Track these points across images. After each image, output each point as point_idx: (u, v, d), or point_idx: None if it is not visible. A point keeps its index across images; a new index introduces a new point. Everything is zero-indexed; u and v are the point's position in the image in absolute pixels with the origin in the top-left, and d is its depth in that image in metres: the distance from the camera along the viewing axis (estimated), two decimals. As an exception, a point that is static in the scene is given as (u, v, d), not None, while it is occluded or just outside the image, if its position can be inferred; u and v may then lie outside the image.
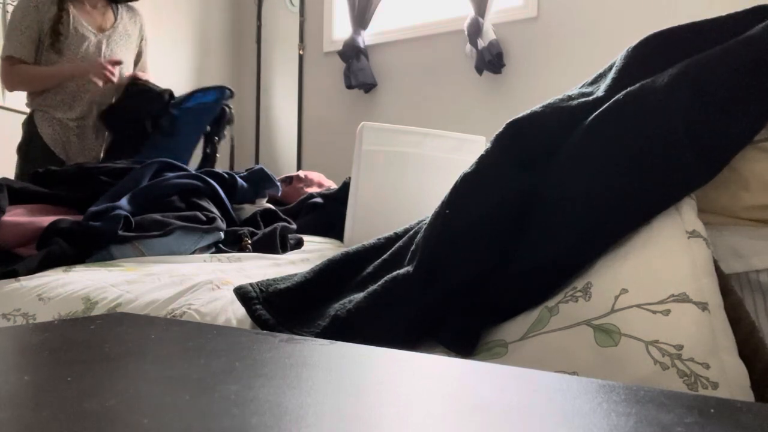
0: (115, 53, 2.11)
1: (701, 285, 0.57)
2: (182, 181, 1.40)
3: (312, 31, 3.75)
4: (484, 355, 0.66)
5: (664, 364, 0.55)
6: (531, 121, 0.74)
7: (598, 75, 0.83)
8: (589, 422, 0.31)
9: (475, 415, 0.31)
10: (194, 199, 1.39)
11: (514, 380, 0.38)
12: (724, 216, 0.69)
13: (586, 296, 0.62)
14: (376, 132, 1.47)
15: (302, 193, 2.14)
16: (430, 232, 0.74)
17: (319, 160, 3.63)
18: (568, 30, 2.86)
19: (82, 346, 0.46)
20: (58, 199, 1.39)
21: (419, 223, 0.89)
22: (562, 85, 2.79)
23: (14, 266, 1.09)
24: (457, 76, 3.16)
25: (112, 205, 1.24)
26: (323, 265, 0.85)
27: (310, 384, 0.36)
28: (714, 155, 0.63)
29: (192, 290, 0.89)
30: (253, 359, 0.42)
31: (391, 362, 0.43)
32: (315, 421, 0.30)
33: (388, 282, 0.73)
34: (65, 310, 0.92)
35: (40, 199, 1.38)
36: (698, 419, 0.31)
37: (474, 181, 0.73)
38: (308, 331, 0.72)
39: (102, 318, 0.58)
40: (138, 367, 0.39)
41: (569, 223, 0.66)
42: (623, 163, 0.65)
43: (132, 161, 1.56)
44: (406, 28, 3.35)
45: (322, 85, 3.68)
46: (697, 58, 0.67)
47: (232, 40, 4.08)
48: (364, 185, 1.46)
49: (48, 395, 0.33)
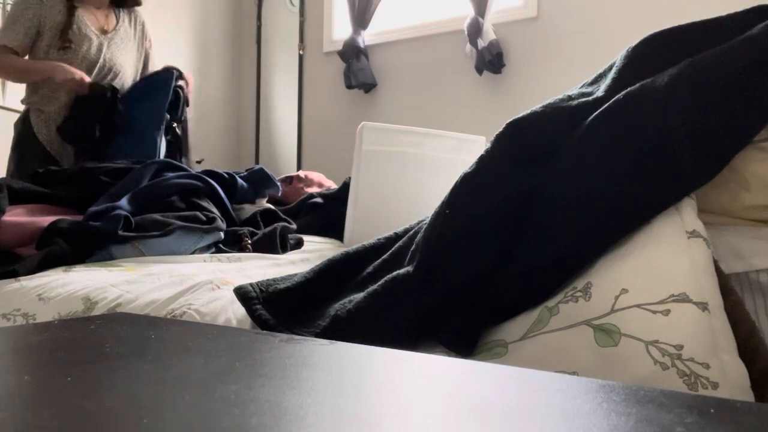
0: (115, 56, 2.11)
1: (701, 285, 0.57)
2: (182, 181, 1.40)
3: (312, 31, 3.75)
4: (484, 355, 0.66)
5: (664, 364, 0.55)
6: (531, 121, 0.74)
7: (598, 75, 0.83)
8: (589, 422, 0.31)
9: (475, 415, 0.31)
10: (194, 199, 1.39)
11: (514, 380, 0.38)
12: (724, 216, 0.69)
13: (586, 296, 0.62)
14: (376, 132, 1.47)
15: (302, 193, 2.14)
16: (430, 232, 0.74)
17: (319, 160, 3.63)
18: (568, 30, 2.86)
19: (82, 346, 0.46)
20: (58, 199, 1.39)
21: (419, 223, 0.89)
22: (562, 85, 2.79)
23: (14, 266, 1.09)
24: (457, 76, 3.16)
25: (112, 205, 1.24)
26: (323, 265, 0.85)
27: (310, 384, 0.36)
28: (714, 155, 0.63)
29: (192, 290, 0.89)
30: (253, 359, 0.42)
31: (391, 362, 0.43)
32: (315, 421, 0.30)
33: (388, 282, 0.73)
34: (65, 310, 0.92)
35: (40, 199, 1.38)
36: (698, 419, 0.31)
37: (474, 181, 0.73)
38: (308, 331, 0.72)
39: (102, 318, 0.58)
40: (138, 367, 0.39)
41: (569, 223, 0.66)
42: (623, 163, 0.65)
43: (132, 161, 1.56)
44: (406, 28, 3.35)
45: (322, 85, 3.69)
46: (697, 58, 0.67)
47: (232, 40, 4.08)
48: (364, 185, 1.46)
49: (48, 395, 0.33)
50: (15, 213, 1.26)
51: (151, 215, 1.27)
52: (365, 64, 3.38)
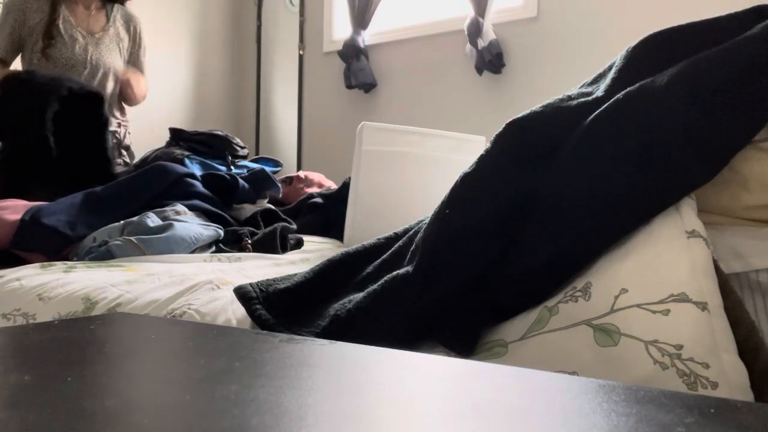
0: (103, 57, 2.09)
1: (701, 285, 0.57)
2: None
3: (312, 31, 3.75)
4: (484, 355, 0.66)
5: (664, 363, 0.55)
6: (531, 121, 0.74)
7: (598, 75, 0.83)
8: (589, 422, 0.31)
9: (475, 415, 0.31)
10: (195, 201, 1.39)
11: (514, 380, 0.38)
12: (724, 216, 0.69)
13: (585, 296, 0.62)
14: (376, 132, 1.47)
15: (302, 193, 2.14)
16: (429, 232, 0.74)
17: (319, 160, 3.63)
18: (568, 30, 2.86)
19: (82, 346, 0.46)
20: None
21: (419, 223, 0.89)
22: (562, 85, 2.79)
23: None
24: (457, 76, 3.16)
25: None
26: (323, 265, 0.85)
27: (310, 384, 0.36)
28: (714, 155, 0.63)
29: (192, 290, 0.89)
30: (253, 359, 0.42)
31: (391, 362, 0.43)
32: (315, 421, 0.30)
33: (388, 282, 0.73)
34: (65, 310, 0.92)
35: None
36: (698, 419, 0.31)
37: (474, 181, 0.73)
38: (308, 331, 0.72)
39: (102, 318, 0.58)
40: (138, 367, 0.39)
41: (569, 223, 0.66)
42: (623, 162, 0.65)
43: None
44: (406, 28, 3.35)
45: (322, 85, 3.68)
46: (697, 58, 0.67)
47: (232, 40, 4.08)
48: (364, 185, 1.46)
49: (48, 395, 0.33)
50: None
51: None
52: (365, 64, 3.38)
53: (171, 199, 1.38)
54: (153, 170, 1.43)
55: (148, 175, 1.42)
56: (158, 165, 1.46)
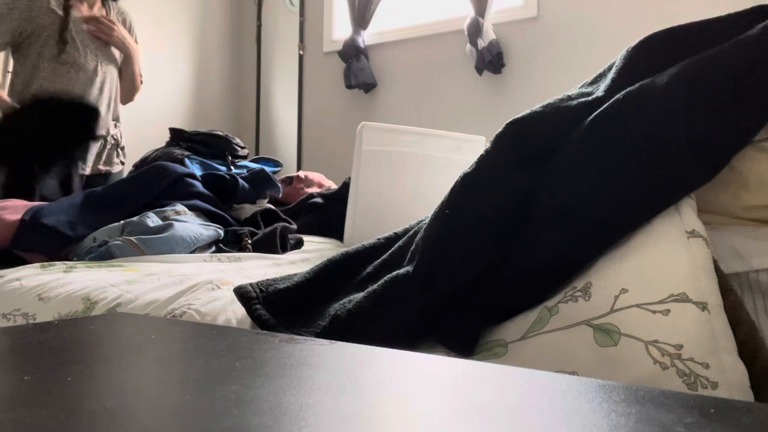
0: (108, 57, 2.09)
1: (701, 285, 0.57)
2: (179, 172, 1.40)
3: (312, 31, 3.75)
4: (484, 355, 0.66)
5: (664, 363, 0.55)
6: (531, 121, 0.74)
7: (598, 75, 0.83)
8: (589, 422, 0.31)
9: (475, 415, 0.31)
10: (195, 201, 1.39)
11: (514, 380, 0.38)
12: (724, 216, 0.69)
13: (585, 296, 0.62)
14: (376, 132, 1.47)
15: (302, 193, 2.14)
16: (429, 232, 0.74)
17: (319, 160, 3.63)
18: (568, 30, 2.86)
19: (82, 346, 0.46)
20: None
21: (419, 223, 0.89)
22: (562, 85, 2.79)
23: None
24: (457, 76, 3.16)
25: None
26: (323, 265, 0.85)
27: (310, 384, 0.36)
28: (714, 155, 0.63)
29: (192, 290, 0.89)
30: (253, 359, 0.42)
31: (391, 362, 0.43)
32: (315, 421, 0.30)
33: (388, 282, 0.73)
34: (65, 310, 0.92)
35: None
36: (698, 419, 0.31)
37: (474, 181, 0.73)
38: (308, 331, 0.72)
39: (102, 318, 0.58)
40: (138, 367, 0.39)
41: (569, 223, 0.66)
42: (623, 162, 0.65)
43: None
44: (406, 28, 3.35)
45: (322, 85, 3.68)
46: (697, 58, 0.67)
47: (232, 40, 4.08)
48: (364, 185, 1.46)
49: (48, 395, 0.33)
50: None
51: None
52: (365, 64, 3.38)
53: (171, 199, 1.38)
54: (153, 170, 1.43)
55: (148, 175, 1.42)
56: (158, 165, 1.46)
